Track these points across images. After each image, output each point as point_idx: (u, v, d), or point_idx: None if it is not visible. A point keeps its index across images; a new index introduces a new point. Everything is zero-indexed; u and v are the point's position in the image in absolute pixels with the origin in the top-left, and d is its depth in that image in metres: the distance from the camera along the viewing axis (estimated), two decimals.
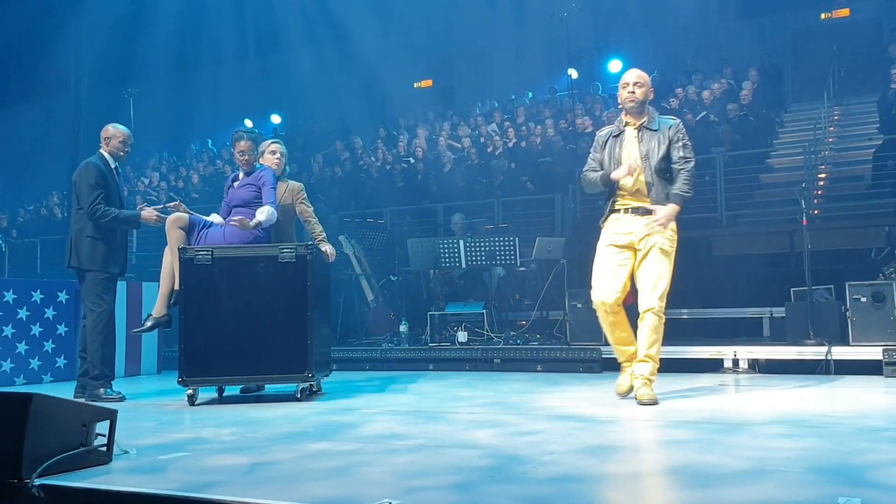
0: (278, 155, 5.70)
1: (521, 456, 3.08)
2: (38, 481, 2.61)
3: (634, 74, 4.77)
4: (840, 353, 6.16)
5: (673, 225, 4.76)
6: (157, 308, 5.25)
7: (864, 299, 6.17)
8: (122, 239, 5.81)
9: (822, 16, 15.26)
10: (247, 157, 5.37)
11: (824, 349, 6.17)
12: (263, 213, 5.13)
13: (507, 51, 16.99)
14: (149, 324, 5.29)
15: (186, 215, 5.29)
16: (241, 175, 5.42)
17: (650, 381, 4.57)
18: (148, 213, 5.65)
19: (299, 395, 5.02)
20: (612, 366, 6.97)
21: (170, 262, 5.19)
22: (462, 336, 7.59)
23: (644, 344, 4.60)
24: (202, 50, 18.37)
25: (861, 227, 7.88)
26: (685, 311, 8.61)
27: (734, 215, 9.65)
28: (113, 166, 5.74)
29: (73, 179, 5.72)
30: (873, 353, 6.00)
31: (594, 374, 6.84)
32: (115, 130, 5.78)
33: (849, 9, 15.05)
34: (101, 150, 5.74)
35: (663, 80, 14.10)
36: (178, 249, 5.10)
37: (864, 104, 12.67)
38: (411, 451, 3.23)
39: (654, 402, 4.46)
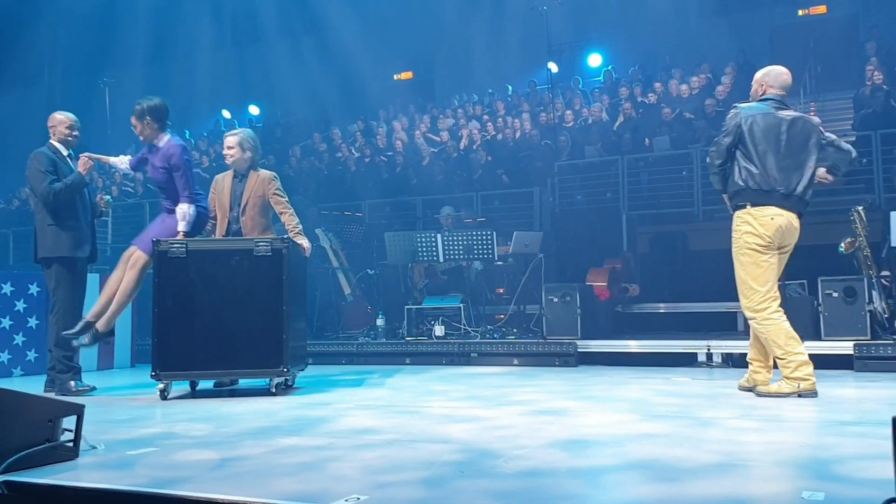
0: (233, 151, 5.48)
1: (492, 450, 3.08)
2: (1, 478, 2.58)
3: None
4: (812, 347, 6.19)
5: (735, 223, 4.70)
6: (99, 318, 5.21)
7: (835, 294, 6.23)
8: (88, 224, 5.67)
9: (800, 12, 15.38)
10: (137, 131, 5.43)
11: None
12: (183, 220, 5.19)
13: (487, 44, 16.96)
14: (86, 340, 5.20)
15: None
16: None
17: (783, 374, 4.60)
18: (81, 162, 5.52)
19: (274, 390, 4.99)
20: (587, 360, 7.04)
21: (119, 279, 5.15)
22: (439, 330, 7.59)
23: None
24: (179, 40, 18.17)
25: (834, 222, 7.93)
26: (662, 305, 8.68)
27: (710, 210, 9.71)
28: (65, 153, 5.64)
29: (26, 174, 5.57)
30: (844, 347, 6.07)
31: (570, 367, 6.87)
32: (60, 117, 5.69)
33: (825, 6, 15.17)
34: (50, 140, 5.64)
35: (643, 74, 14.17)
36: (153, 241, 5.05)
37: (839, 100, 12.80)
38: (383, 446, 3.22)
39: (770, 395, 4.58)
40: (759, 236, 4.56)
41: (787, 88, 4.78)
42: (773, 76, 4.79)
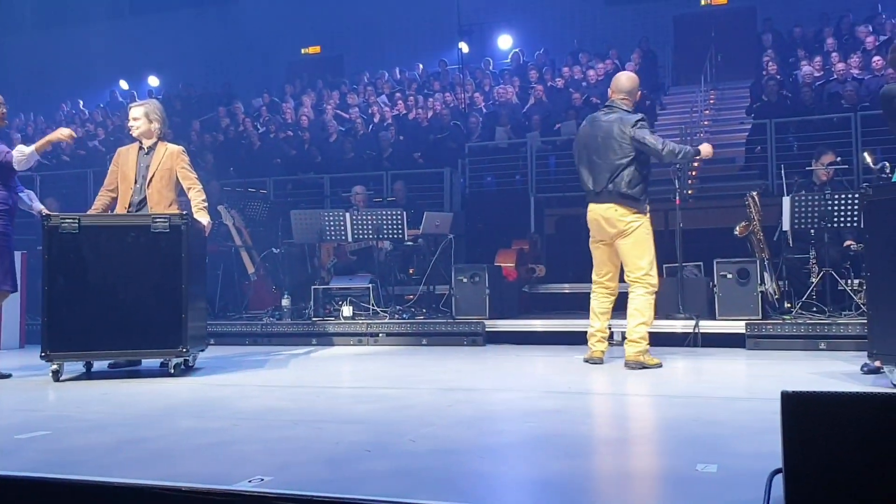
0: (139, 122, 5.30)
1: (400, 430, 3.07)
2: None
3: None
4: (707, 326, 6.49)
5: None
6: None
7: (729, 276, 6.50)
8: None
9: (702, 2, 15.86)
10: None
11: (692, 323, 6.48)
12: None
13: (398, 21, 16.85)
14: None
15: None
16: None
17: None
18: None
19: (173, 371, 4.84)
20: (495, 339, 7.12)
21: None
22: (347, 310, 7.51)
23: None
24: (71, 4, 17.27)
25: (731, 207, 8.28)
26: (567, 285, 8.86)
27: None
28: None
29: None
30: (737, 327, 6.35)
31: (478, 347, 6.93)
32: None
33: None
34: None
35: (547, 59, 14.37)
36: (43, 217, 4.82)
37: (737, 89, 13.31)
38: (287, 427, 3.17)
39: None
40: (589, 230, 5.25)
41: (624, 91, 5.24)
42: (614, 84, 5.34)
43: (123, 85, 17.98)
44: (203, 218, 5.21)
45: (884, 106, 4.27)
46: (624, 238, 5.07)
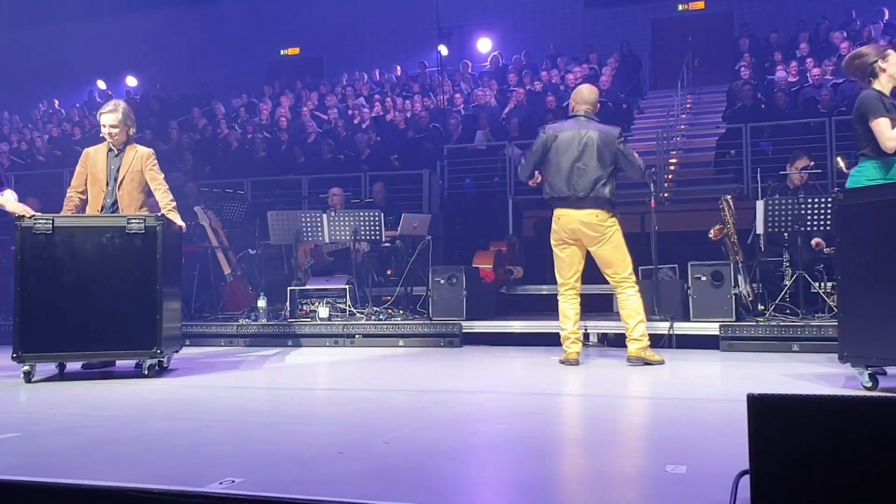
0: (116, 129, 5.24)
1: (373, 432, 3.07)
2: None
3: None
4: (681, 328, 6.54)
5: None
6: None
7: (703, 278, 6.55)
8: None
9: (679, 7, 15.99)
10: None
11: (667, 324, 6.53)
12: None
13: (378, 23, 16.85)
14: None
15: None
16: None
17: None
18: None
19: (147, 372, 4.80)
20: (472, 340, 7.14)
21: None
22: (323, 311, 7.49)
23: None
24: (50, 2, 17.09)
25: (706, 210, 8.35)
26: (544, 287, 8.88)
27: None
28: None
29: None
30: (711, 328, 6.40)
31: (455, 348, 6.94)
32: None
33: (703, 1, 15.85)
34: None
35: (528, 62, 14.42)
36: (16, 218, 4.77)
37: (714, 94, 13.44)
38: (261, 429, 3.16)
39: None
40: (555, 232, 5.45)
41: (589, 102, 5.41)
42: (579, 96, 5.46)
43: (101, 85, 17.83)
44: (175, 218, 5.19)
45: (856, 110, 4.31)
46: (604, 244, 5.27)
